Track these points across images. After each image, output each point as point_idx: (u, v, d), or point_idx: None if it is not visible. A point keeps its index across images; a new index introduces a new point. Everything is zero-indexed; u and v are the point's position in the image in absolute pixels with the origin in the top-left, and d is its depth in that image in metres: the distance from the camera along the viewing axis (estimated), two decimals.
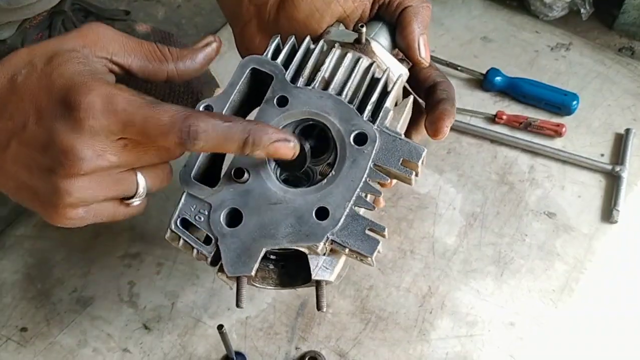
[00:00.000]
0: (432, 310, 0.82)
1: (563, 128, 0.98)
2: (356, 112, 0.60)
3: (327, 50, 0.63)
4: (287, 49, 0.62)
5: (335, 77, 0.61)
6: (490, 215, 0.91)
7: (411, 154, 0.59)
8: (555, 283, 0.85)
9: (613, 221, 0.90)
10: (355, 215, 0.58)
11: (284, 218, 0.58)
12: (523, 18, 1.16)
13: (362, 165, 0.58)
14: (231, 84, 0.61)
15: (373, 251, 0.58)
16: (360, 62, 0.62)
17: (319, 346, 0.79)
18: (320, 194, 0.58)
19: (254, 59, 0.61)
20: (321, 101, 0.60)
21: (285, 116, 0.60)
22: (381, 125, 0.59)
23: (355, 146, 0.59)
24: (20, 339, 0.79)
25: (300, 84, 0.61)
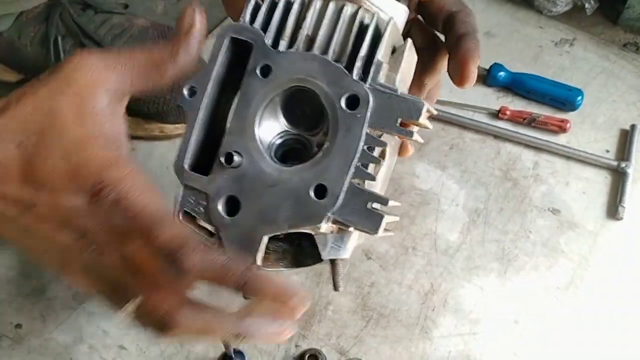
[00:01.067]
0: (435, 308, 0.81)
1: (567, 124, 0.97)
2: (345, 72, 0.53)
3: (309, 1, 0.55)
4: (265, 8, 0.56)
5: (319, 33, 0.54)
6: (494, 211, 0.89)
7: (410, 111, 0.52)
8: (560, 280, 0.83)
9: (618, 218, 0.88)
10: (355, 189, 0.53)
11: (282, 201, 0.54)
12: (526, 13, 1.15)
13: (357, 132, 0.52)
14: (211, 59, 0.55)
15: (377, 228, 0.53)
16: (344, 11, 0.54)
17: (319, 344, 0.77)
18: (316, 169, 0.53)
19: (230, 27, 0.55)
20: (306, 64, 0.54)
21: (271, 87, 0.54)
22: (374, 83, 0.52)
23: (348, 111, 0.53)
24: (15, 335, 0.77)
25: (282, 47, 0.54)
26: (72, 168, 0.48)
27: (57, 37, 0.90)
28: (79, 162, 0.48)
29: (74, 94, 0.49)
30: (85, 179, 0.48)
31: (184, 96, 0.55)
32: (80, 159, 0.48)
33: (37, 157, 0.48)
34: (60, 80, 0.49)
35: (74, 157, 0.48)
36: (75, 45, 0.91)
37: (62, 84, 0.49)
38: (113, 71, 0.50)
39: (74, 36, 0.91)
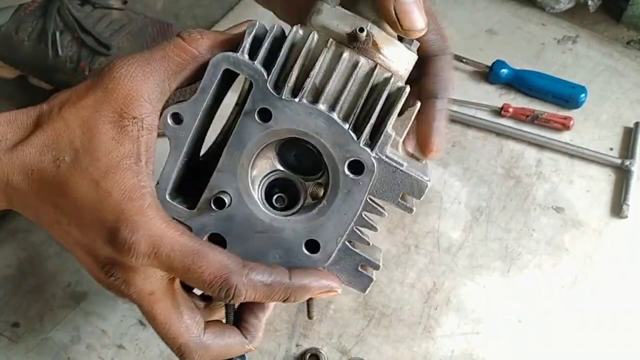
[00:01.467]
0: (437, 307, 0.80)
1: (571, 121, 0.96)
2: (352, 136, 0.51)
3: (318, 45, 0.51)
4: (267, 44, 0.51)
5: (328, 86, 0.50)
6: (497, 209, 0.89)
7: (413, 188, 0.52)
8: (564, 279, 0.82)
9: (623, 216, 0.87)
10: (348, 249, 0.54)
11: (271, 248, 0.54)
12: (529, 10, 1.14)
13: (357, 198, 0.52)
14: (202, 90, 0.52)
15: (365, 289, 0.56)
16: (358, 67, 0.51)
17: (320, 343, 0.76)
18: (310, 225, 0.53)
19: (227, 58, 0.51)
20: (310, 119, 0.50)
21: (269, 134, 0.51)
22: (380, 153, 0.51)
23: (350, 175, 0.51)
24: (12, 334, 0.76)
25: (285, 94, 0.50)
26: (98, 198, 0.48)
27: (55, 32, 0.89)
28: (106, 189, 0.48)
29: (116, 110, 0.49)
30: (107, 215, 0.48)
31: (167, 122, 0.52)
32: (108, 185, 0.48)
33: (68, 179, 0.49)
34: (102, 91, 0.50)
35: (103, 182, 0.48)
36: (73, 41, 0.90)
37: (103, 96, 0.50)
38: (150, 75, 0.51)
39: (72, 31, 0.90)
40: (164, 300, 0.53)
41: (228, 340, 0.56)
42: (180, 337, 0.53)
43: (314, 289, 0.53)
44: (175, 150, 0.53)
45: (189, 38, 0.52)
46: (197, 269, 0.49)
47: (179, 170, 0.54)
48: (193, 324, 0.54)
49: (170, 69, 0.51)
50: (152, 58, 0.51)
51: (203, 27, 1.09)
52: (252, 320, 0.58)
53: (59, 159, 0.49)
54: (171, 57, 0.51)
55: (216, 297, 0.51)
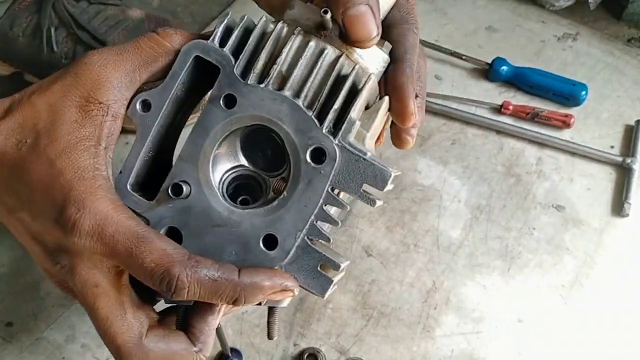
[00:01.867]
0: (437, 306, 0.79)
1: (571, 119, 0.95)
2: (315, 122, 0.49)
3: (287, 35, 0.51)
4: (237, 33, 0.52)
5: (294, 73, 0.50)
6: (497, 208, 0.88)
7: (375, 179, 0.49)
8: (565, 278, 0.82)
9: (624, 214, 0.87)
10: (307, 247, 0.50)
11: (228, 243, 0.51)
12: (528, 8, 1.13)
13: (318, 189, 0.49)
14: (172, 75, 0.51)
15: (324, 292, 0.51)
16: (324, 55, 0.50)
17: (318, 343, 0.75)
18: (269, 218, 0.50)
19: (198, 45, 0.51)
20: (274, 104, 0.50)
21: (232, 120, 0.50)
22: (343, 140, 0.49)
23: (312, 164, 0.49)
24: (5, 334, 0.75)
25: (251, 79, 0.50)
26: (51, 177, 0.48)
27: (50, 27, 0.88)
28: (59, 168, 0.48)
29: (83, 94, 0.50)
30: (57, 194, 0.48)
31: (135, 108, 0.52)
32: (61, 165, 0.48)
33: (26, 161, 0.49)
34: (71, 76, 0.50)
35: (58, 161, 0.48)
36: (68, 37, 0.89)
37: (72, 81, 0.50)
38: (120, 64, 0.51)
39: (67, 27, 0.89)
40: (108, 294, 0.50)
41: (172, 345, 0.52)
42: (118, 337, 0.50)
43: (265, 287, 0.49)
44: (140, 138, 0.52)
45: (163, 33, 0.52)
46: (139, 254, 0.47)
47: (145, 161, 0.53)
48: (135, 324, 0.51)
49: (141, 59, 0.51)
50: (124, 49, 0.52)
51: (200, 24, 1.08)
52: (201, 325, 0.53)
53: (21, 142, 0.49)
54: (143, 49, 0.52)
55: (158, 290, 0.48)
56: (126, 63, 0.51)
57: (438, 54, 1.03)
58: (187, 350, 0.52)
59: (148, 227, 0.49)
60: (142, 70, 0.52)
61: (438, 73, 1.03)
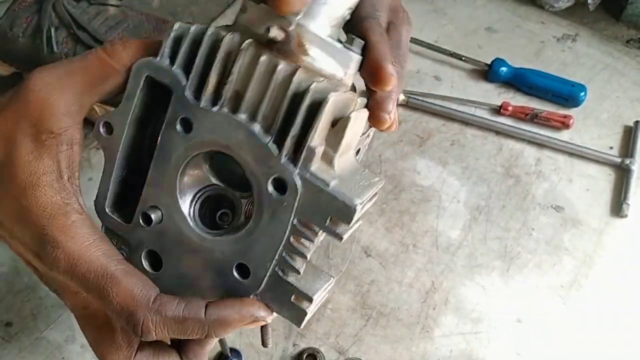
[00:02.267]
0: (436, 307, 0.79)
1: (570, 120, 0.95)
2: (273, 151, 0.45)
3: (238, 46, 0.46)
4: (185, 47, 0.47)
5: (247, 93, 0.45)
6: (496, 208, 0.88)
7: (340, 212, 0.44)
8: (564, 279, 0.82)
9: (623, 215, 0.87)
10: (279, 278, 0.47)
11: (204, 270, 0.49)
12: (528, 8, 1.13)
13: (283, 221, 0.46)
14: (127, 97, 0.48)
15: (300, 322, 0.48)
16: (277, 71, 0.45)
17: (317, 343, 0.75)
18: (240, 246, 0.48)
19: (146, 65, 0.47)
20: (230, 130, 0.45)
21: (191, 146, 0.47)
22: (304, 170, 0.44)
23: (274, 194, 0.45)
24: (5, 334, 0.75)
25: (204, 102, 0.46)
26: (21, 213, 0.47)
27: (50, 28, 0.88)
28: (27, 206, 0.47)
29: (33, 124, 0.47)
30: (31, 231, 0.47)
31: (99, 132, 0.50)
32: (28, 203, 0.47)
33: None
34: (20, 102, 0.48)
35: (23, 200, 0.47)
36: (68, 37, 0.89)
37: (21, 107, 0.48)
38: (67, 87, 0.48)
39: (67, 27, 0.89)
40: (96, 316, 0.50)
41: None
42: (108, 357, 0.50)
43: (234, 321, 0.48)
44: (109, 162, 0.50)
45: (110, 50, 0.49)
46: (107, 296, 0.46)
47: (121, 180, 0.51)
48: (124, 345, 0.50)
49: (89, 80, 0.49)
50: (71, 69, 0.49)
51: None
52: (194, 347, 0.53)
53: None
54: (90, 68, 0.49)
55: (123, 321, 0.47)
56: (73, 86, 0.48)
57: (437, 54, 1.03)
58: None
59: (121, 262, 0.48)
60: (91, 93, 0.49)
61: (437, 74, 1.03)
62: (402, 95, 0.97)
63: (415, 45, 1.04)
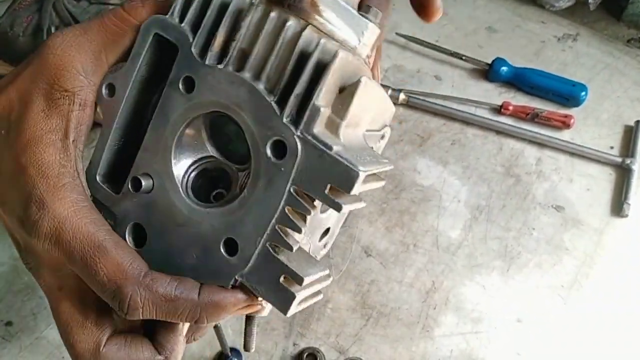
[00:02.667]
0: (436, 306, 0.79)
1: (571, 119, 0.95)
2: (275, 110, 0.42)
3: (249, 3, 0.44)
4: (196, 3, 0.45)
5: (254, 49, 0.43)
6: (496, 208, 0.88)
7: (341, 178, 0.41)
8: (564, 278, 0.82)
9: (623, 215, 0.87)
10: (269, 255, 0.43)
11: (189, 246, 0.45)
12: (528, 8, 1.13)
13: (279, 188, 0.42)
14: (133, 57, 0.46)
15: (287, 308, 0.43)
16: (286, 28, 0.43)
17: (317, 342, 0.75)
18: (230, 219, 0.44)
19: (156, 21, 0.45)
20: (232, 88, 0.43)
21: (191, 106, 0.45)
22: (306, 131, 0.42)
23: (272, 159, 0.42)
24: (5, 333, 0.75)
25: (210, 59, 0.44)
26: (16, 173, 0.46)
27: (51, 27, 0.88)
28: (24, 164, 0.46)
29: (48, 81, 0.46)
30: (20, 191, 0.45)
31: (102, 95, 0.47)
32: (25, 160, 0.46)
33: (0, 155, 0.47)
34: (37, 60, 0.47)
35: (22, 157, 0.46)
36: None
37: (37, 66, 0.47)
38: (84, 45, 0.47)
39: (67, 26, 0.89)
40: (70, 298, 0.47)
41: (135, 354, 0.48)
42: (76, 345, 0.47)
43: (228, 305, 0.45)
44: (107, 126, 0.48)
45: (129, 7, 0.47)
46: (93, 266, 0.43)
47: (117, 149, 0.49)
48: (95, 332, 0.47)
49: (107, 39, 0.47)
50: (89, 27, 0.47)
51: None
52: (167, 334, 0.49)
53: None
54: (108, 27, 0.47)
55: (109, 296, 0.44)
56: (91, 44, 0.47)
57: (438, 54, 1.03)
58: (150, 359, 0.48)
59: (110, 232, 0.45)
60: (108, 51, 0.47)
61: (438, 73, 1.03)
62: (402, 95, 0.96)
63: (416, 44, 1.04)
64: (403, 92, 0.97)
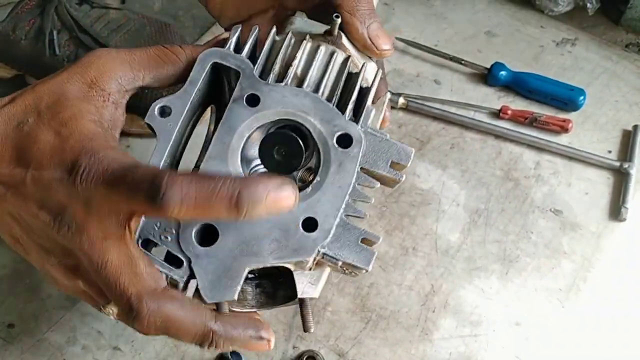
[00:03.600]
0: (435, 309, 0.79)
1: (569, 124, 0.96)
2: (337, 112, 0.55)
3: (295, 43, 0.58)
4: (251, 41, 0.57)
5: (309, 73, 0.56)
6: (495, 212, 0.88)
7: (400, 155, 0.55)
8: (562, 282, 0.82)
9: (621, 219, 0.87)
10: (346, 224, 0.53)
11: (267, 232, 0.52)
12: (527, 13, 1.14)
13: (350, 169, 0.54)
14: (191, 82, 0.54)
15: (369, 263, 0.53)
16: (335, 56, 0.58)
17: (317, 345, 0.76)
18: (305, 203, 0.53)
19: (215, 53, 0.55)
20: (297, 99, 0.55)
21: (258, 117, 0.54)
22: (365, 125, 0.55)
23: (340, 149, 0.54)
24: (7, 335, 0.76)
25: (271, 80, 0.55)
26: (59, 141, 0.48)
27: (53, 31, 0.88)
28: (67, 133, 0.48)
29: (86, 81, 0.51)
30: (67, 152, 0.47)
31: (154, 114, 0.53)
32: (69, 130, 0.48)
33: (30, 136, 0.49)
34: (77, 65, 0.52)
35: (64, 129, 0.48)
36: (70, 40, 0.89)
37: (78, 70, 0.52)
38: (127, 64, 0.53)
39: (69, 30, 0.89)
40: (118, 246, 0.47)
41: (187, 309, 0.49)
42: (131, 286, 0.47)
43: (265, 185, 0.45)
44: (162, 142, 0.53)
45: (170, 46, 0.56)
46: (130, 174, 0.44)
47: (168, 164, 0.54)
48: (148, 277, 0.48)
49: (148, 63, 0.54)
50: (133, 50, 0.55)
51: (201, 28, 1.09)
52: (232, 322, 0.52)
53: (23, 122, 0.50)
54: (151, 55, 0.55)
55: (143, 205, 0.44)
56: (133, 62, 0.54)
57: (437, 58, 1.04)
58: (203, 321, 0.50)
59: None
60: (146, 72, 0.54)
61: (437, 77, 1.03)
62: (401, 99, 0.97)
63: (415, 49, 1.05)
64: (402, 96, 0.97)
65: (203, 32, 1.09)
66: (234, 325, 0.51)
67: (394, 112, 0.97)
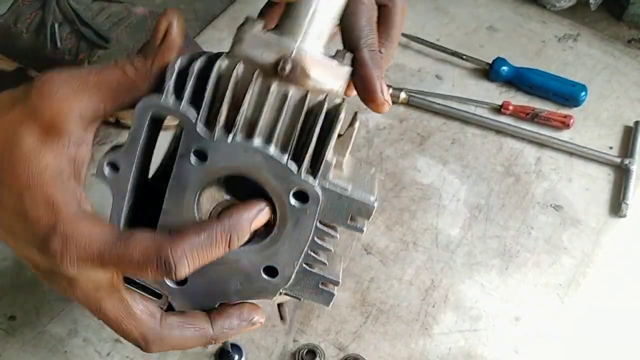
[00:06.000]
0: (435, 304, 0.79)
1: (571, 120, 0.96)
2: (291, 170, 0.49)
3: (245, 75, 0.49)
4: (192, 81, 0.49)
5: (260, 118, 0.49)
6: (495, 207, 0.88)
7: (360, 211, 0.52)
8: (562, 277, 0.82)
9: (622, 215, 0.87)
10: (306, 271, 0.55)
11: (231, 277, 0.55)
12: (530, 8, 1.14)
13: (307, 226, 0.52)
14: (132, 139, 0.50)
15: (329, 303, 0.57)
16: (289, 98, 0.49)
17: (317, 339, 0.76)
18: (265, 253, 0.53)
19: (151, 105, 0.49)
20: (246, 156, 0.49)
21: (207, 174, 0.50)
22: (323, 181, 0.50)
23: (296, 205, 0.50)
24: (8, 327, 0.76)
25: (218, 132, 0.49)
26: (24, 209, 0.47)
27: (54, 24, 0.88)
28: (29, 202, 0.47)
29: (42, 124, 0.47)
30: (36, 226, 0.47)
31: (105, 172, 0.51)
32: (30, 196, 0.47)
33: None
34: (29, 105, 0.47)
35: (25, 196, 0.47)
36: (72, 33, 0.89)
37: (30, 110, 0.47)
38: (83, 96, 0.48)
39: (71, 23, 0.89)
40: (111, 296, 0.51)
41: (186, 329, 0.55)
42: (133, 330, 0.52)
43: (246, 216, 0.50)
44: (118, 198, 0.52)
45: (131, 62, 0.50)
46: (127, 252, 0.47)
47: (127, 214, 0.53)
48: (146, 316, 0.53)
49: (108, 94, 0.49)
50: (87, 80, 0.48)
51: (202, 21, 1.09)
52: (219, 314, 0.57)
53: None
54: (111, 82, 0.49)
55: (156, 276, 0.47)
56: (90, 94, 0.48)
57: (439, 53, 1.04)
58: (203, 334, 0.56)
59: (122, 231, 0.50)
60: (108, 103, 0.49)
61: (439, 73, 1.03)
62: (403, 94, 0.97)
63: (416, 44, 1.05)
64: (404, 91, 0.97)
65: (204, 25, 1.08)
66: (228, 319, 0.56)
67: (395, 107, 0.97)
